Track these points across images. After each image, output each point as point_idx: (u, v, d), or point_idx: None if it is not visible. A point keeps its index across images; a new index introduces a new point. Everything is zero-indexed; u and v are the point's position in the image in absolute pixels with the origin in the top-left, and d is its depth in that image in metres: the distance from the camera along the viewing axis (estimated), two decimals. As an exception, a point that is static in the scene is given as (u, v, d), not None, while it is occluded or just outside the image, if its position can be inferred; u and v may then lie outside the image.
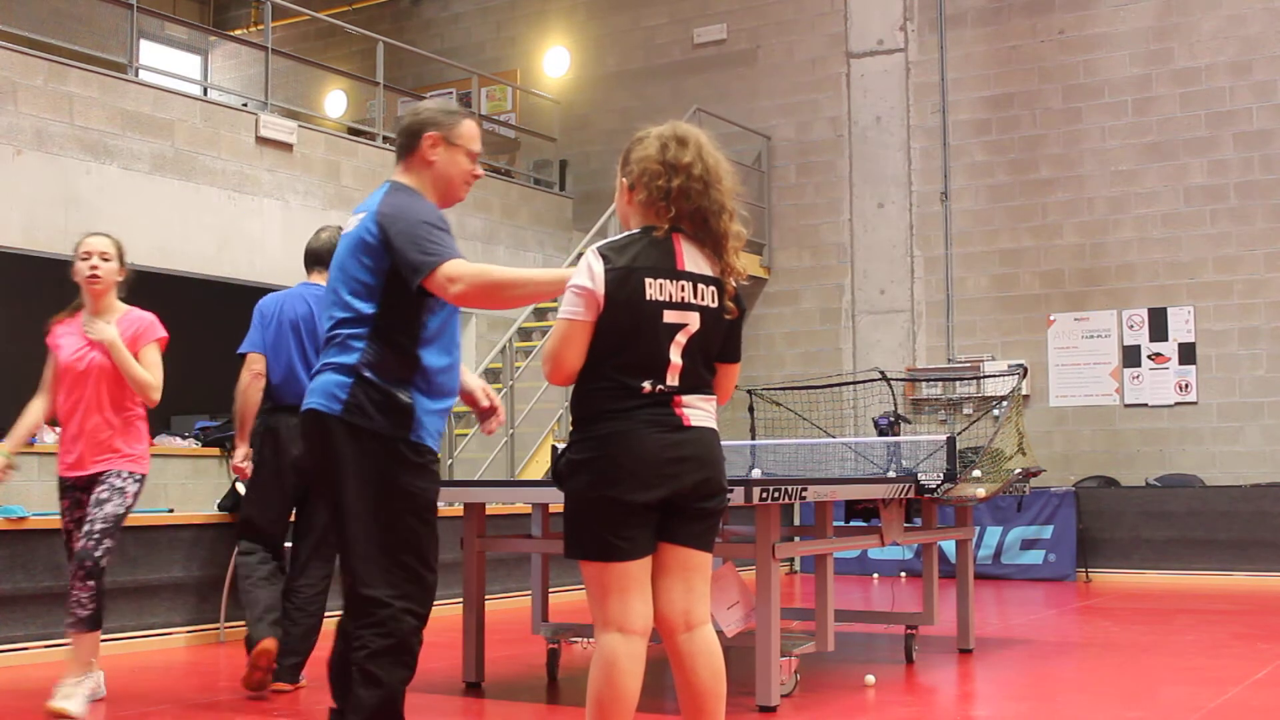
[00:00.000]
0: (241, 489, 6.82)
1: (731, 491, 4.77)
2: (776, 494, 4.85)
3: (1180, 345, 11.46)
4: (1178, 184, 11.58)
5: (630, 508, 3.08)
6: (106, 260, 5.17)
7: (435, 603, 7.59)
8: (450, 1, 15.36)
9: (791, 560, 11.36)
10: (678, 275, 3.15)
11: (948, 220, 12.43)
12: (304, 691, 5.41)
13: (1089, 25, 12.01)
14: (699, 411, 3.17)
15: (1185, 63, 11.61)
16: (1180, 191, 11.57)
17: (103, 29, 11.12)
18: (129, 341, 5.13)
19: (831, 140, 13.00)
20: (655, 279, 3.12)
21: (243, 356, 5.59)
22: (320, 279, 5.48)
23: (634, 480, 3.08)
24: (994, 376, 11.49)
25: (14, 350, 13.80)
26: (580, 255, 14.77)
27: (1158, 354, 11.56)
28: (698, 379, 3.19)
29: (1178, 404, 11.47)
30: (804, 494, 5.10)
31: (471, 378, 3.93)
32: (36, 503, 7.82)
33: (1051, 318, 12.01)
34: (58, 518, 5.28)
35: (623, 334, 3.10)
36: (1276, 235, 11.22)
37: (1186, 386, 11.42)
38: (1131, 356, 11.68)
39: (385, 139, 12.13)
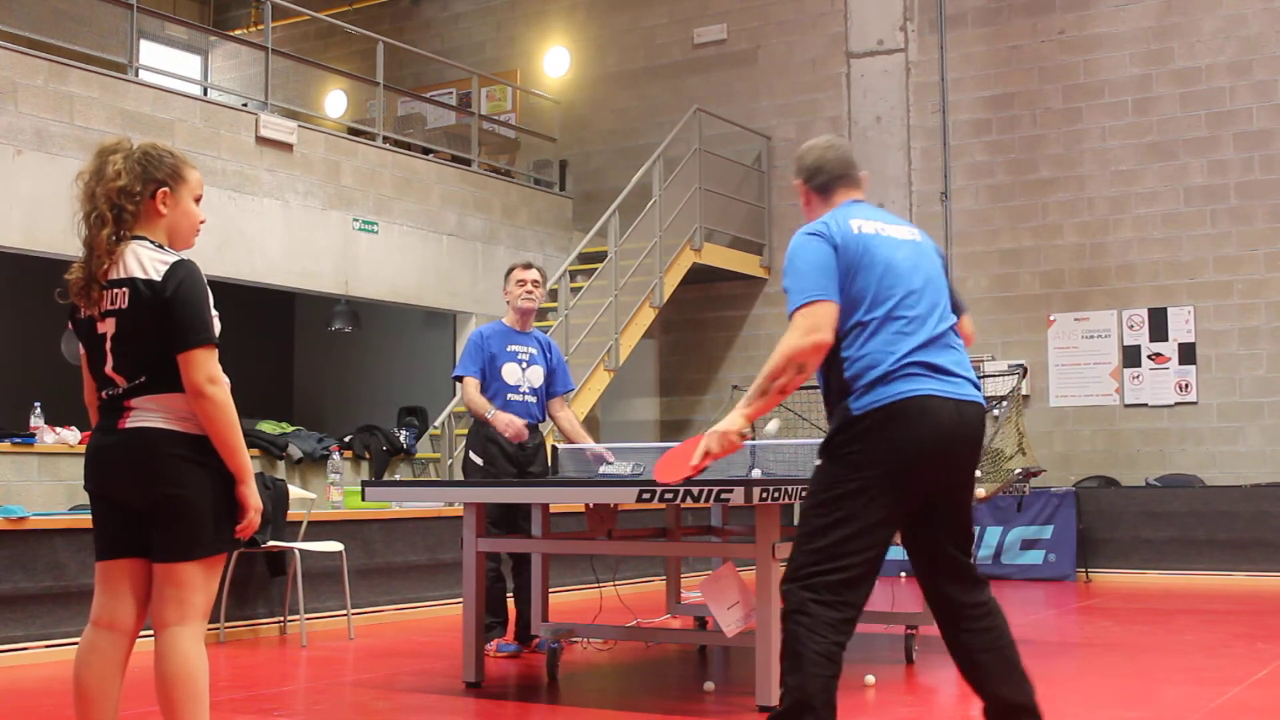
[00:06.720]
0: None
1: (731, 491, 4.78)
2: (776, 494, 4.85)
3: (1180, 345, 11.46)
4: (1178, 184, 11.58)
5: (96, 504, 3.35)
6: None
7: (435, 603, 7.56)
8: (450, 1, 15.36)
9: (791, 560, 11.35)
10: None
11: (948, 220, 12.43)
12: (304, 691, 5.40)
13: (1089, 25, 12.01)
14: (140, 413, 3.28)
15: (1185, 63, 11.61)
16: (1180, 191, 11.57)
17: (103, 29, 11.11)
18: None
19: (831, 140, 12.97)
20: None
21: None
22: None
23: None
24: (994, 376, 11.45)
25: (15, 350, 13.82)
26: (580, 255, 14.53)
27: (1158, 354, 11.56)
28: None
29: (1178, 404, 11.47)
30: (804, 494, 5.08)
31: None
32: (36, 503, 7.82)
33: (1051, 318, 12.01)
34: (59, 517, 5.17)
35: None
36: (1276, 235, 11.22)
37: (1186, 386, 11.42)
38: (1131, 356, 11.68)
39: (385, 139, 12.13)
